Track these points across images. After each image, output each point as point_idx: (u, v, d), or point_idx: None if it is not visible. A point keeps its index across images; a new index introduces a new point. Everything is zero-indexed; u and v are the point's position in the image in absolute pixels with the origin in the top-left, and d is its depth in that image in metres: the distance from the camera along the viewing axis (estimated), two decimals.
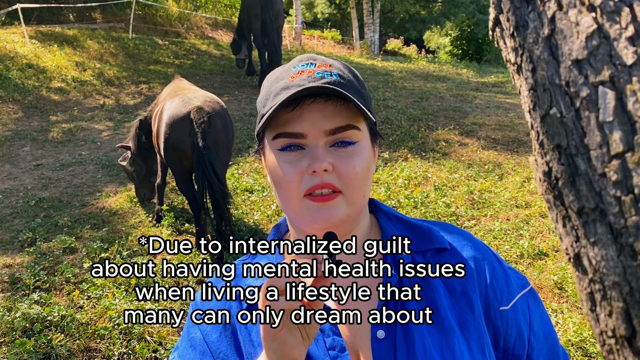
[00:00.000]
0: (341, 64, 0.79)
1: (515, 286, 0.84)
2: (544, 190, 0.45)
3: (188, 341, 0.82)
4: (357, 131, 0.74)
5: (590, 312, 0.41)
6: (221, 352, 0.78)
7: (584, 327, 2.87)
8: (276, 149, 0.74)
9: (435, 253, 0.82)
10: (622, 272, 0.37)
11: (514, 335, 0.81)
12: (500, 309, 0.80)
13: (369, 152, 0.76)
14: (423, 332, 0.75)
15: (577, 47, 0.40)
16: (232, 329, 0.80)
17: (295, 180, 0.72)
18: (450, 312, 0.77)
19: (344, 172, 0.72)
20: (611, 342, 0.39)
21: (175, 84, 4.54)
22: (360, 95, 0.76)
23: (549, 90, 0.43)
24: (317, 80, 0.72)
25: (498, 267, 0.84)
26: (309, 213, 0.72)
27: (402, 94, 9.62)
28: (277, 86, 0.74)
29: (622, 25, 0.38)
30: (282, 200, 0.75)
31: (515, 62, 0.47)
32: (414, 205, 4.73)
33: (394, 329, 0.75)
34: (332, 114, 0.72)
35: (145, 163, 4.89)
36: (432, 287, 0.78)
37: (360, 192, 0.74)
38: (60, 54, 11.00)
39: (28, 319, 2.90)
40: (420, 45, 28.08)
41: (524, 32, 0.45)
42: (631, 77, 0.37)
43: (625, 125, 0.37)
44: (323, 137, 0.72)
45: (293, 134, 0.72)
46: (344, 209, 0.73)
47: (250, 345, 0.77)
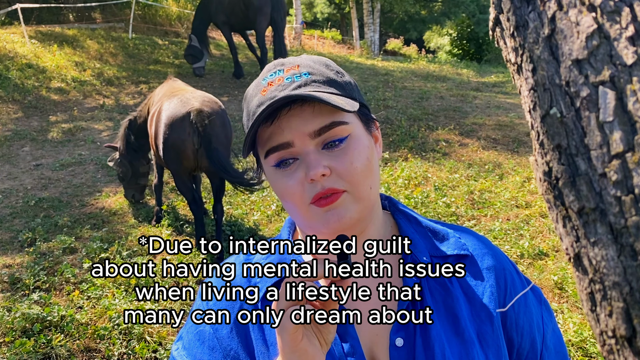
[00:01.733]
0: (310, 59, 0.76)
1: (531, 298, 0.82)
2: (544, 190, 0.45)
3: (196, 334, 0.79)
4: (344, 125, 0.71)
5: (590, 312, 0.41)
6: (232, 350, 0.76)
7: (584, 327, 2.87)
8: (271, 166, 0.72)
9: (455, 260, 0.79)
10: (622, 272, 0.37)
11: (527, 348, 0.80)
12: (516, 321, 0.78)
13: (366, 140, 0.73)
14: (443, 342, 0.72)
15: (578, 47, 0.40)
16: (244, 325, 0.77)
17: (297, 192, 0.70)
18: (470, 323, 0.75)
19: (342, 171, 0.69)
20: (611, 342, 0.39)
21: (170, 84, 4.52)
22: (337, 85, 0.73)
23: (549, 90, 0.43)
24: (287, 87, 0.70)
25: (516, 277, 0.82)
26: (319, 219, 0.70)
27: (402, 94, 9.62)
28: (253, 104, 0.73)
29: (622, 25, 0.38)
30: (291, 212, 0.74)
31: (515, 62, 0.47)
32: (414, 205, 4.73)
33: (413, 337, 0.73)
34: (311, 115, 0.69)
35: (132, 165, 4.85)
36: (452, 296, 0.76)
37: (365, 185, 0.71)
38: (60, 54, 11.00)
39: (28, 319, 2.90)
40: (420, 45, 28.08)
41: (524, 32, 0.45)
42: (631, 77, 0.37)
43: (625, 125, 0.37)
44: (310, 140, 0.69)
45: (280, 146, 0.70)
46: (352, 206, 0.70)
47: (262, 345, 0.74)
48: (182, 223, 4.60)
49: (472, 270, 0.79)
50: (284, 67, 0.74)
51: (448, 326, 0.74)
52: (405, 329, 0.73)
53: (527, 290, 0.82)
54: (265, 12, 9.75)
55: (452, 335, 0.73)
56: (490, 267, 0.79)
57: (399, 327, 0.73)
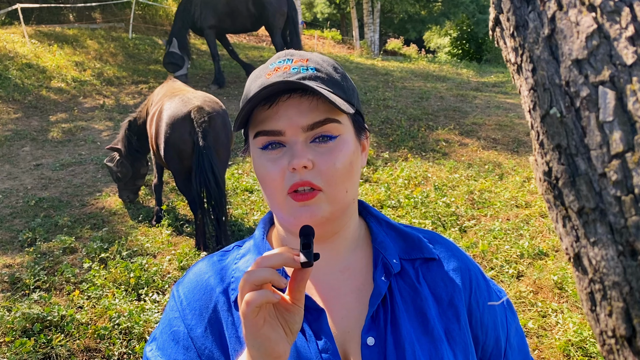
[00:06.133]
0: (320, 57, 0.77)
1: (495, 298, 0.86)
2: (544, 190, 0.45)
3: (170, 334, 0.79)
4: (338, 124, 0.72)
5: (590, 312, 0.41)
6: (206, 348, 0.76)
7: (584, 327, 2.87)
8: (258, 148, 0.74)
9: (424, 262, 0.82)
10: (622, 272, 0.37)
11: (491, 345, 0.83)
12: (480, 319, 0.82)
13: (353, 145, 0.75)
14: (413, 340, 0.74)
15: (577, 47, 0.40)
16: (218, 324, 0.77)
17: (277, 178, 0.71)
18: (439, 322, 0.78)
19: (324, 168, 0.71)
20: (611, 342, 0.39)
21: (170, 84, 4.53)
22: (339, 87, 0.74)
23: (549, 90, 0.43)
24: (292, 76, 0.72)
25: (481, 278, 0.85)
26: (292, 212, 0.72)
27: (402, 94, 9.62)
28: (255, 85, 0.74)
29: (622, 25, 0.38)
30: (268, 197, 0.75)
31: (515, 62, 0.47)
32: (414, 205, 4.73)
33: (384, 336, 0.74)
34: (308, 109, 0.71)
35: (133, 166, 4.86)
36: (421, 295, 0.79)
37: (341, 188, 0.73)
38: (60, 54, 11.00)
39: (28, 318, 2.90)
40: (420, 45, 28.07)
41: (524, 32, 0.45)
42: (631, 77, 0.37)
43: (625, 125, 0.37)
44: (301, 133, 0.71)
45: (271, 132, 0.71)
46: (325, 207, 0.72)
47: (236, 342, 0.75)
48: (182, 223, 4.60)
49: (439, 271, 0.82)
50: (293, 58, 0.76)
51: (417, 325, 0.77)
52: (376, 328, 0.75)
53: (492, 292, 0.86)
54: (283, 12, 9.71)
55: (422, 334, 0.76)
56: (455, 269, 0.83)
57: (370, 326, 0.75)
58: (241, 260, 0.83)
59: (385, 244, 0.82)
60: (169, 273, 3.67)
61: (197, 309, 0.79)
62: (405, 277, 0.80)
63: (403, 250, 0.83)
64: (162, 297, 3.33)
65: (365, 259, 0.82)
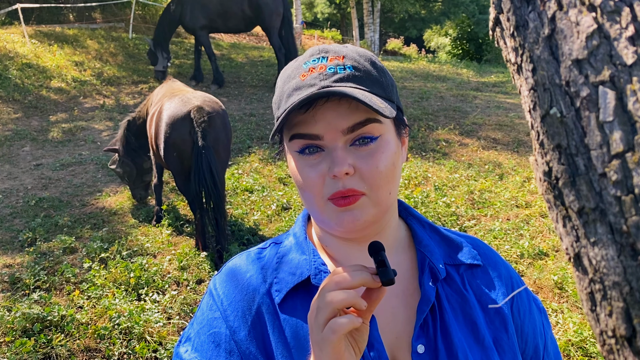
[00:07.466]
0: (356, 52, 0.73)
1: (534, 306, 0.84)
2: (544, 190, 0.45)
3: (210, 336, 0.74)
4: (378, 124, 0.69)
5: (590, 312, 0.41)
6: (250, 354, 0.71)
7: (584, 327, 2.87)
8: (295, 151, 0.70)
9: (468, 268, 0.80)
10: (622, 272, 0.37)
11: (530, 354, 0.81)
12: (521, 327, 0.79)
13: (394, 145, 0.71)
14: (465, 349, 0.71)
15: (577, 47, 0.40)
16: (262, 327, 0.73)
17: (317, 184, 0.68)
18: (487, 331, 0.75)
19: (366, 173, 0.68)
20: (611, 342, 0.39)
21: (169, 85, 4.53)
22: (378, 85, 0.70)
23: (549, 90, 0.43)
24: (329, 77, 0.68)
25: (521, 285, 0.83)
26: (334, 217, 0.69)
27: (402, 94, 9.61)
28: (289, 86, 0.70)
29: (622, 25, 0.38)
30: (307, 202, 0.72)
31: (515, 62, 0.47)
32: (414, 205, 4.73)
33: (434, 343, 0.72)
34: (347, 111, 0.67)
35: (135, 162, 4.87)
36: (469, 303, 0.76)
37: (385, 190, 0.70)
38: (60, 54, 11.00)
39: (28, 318, 2.90)
40: (420, 44, 28.07)
41: (524, 32, 0.45)
42: (631, 76, 0.37)
43: (625, 125, 0.37)
44: (341, 136, 0.68)
45: (308, 135, 0.68)
46: (369, 210, 0.69)
47: (284, 349, 0.71)
48: (182, 223, 4.59)
49: (484, 278, 0.79)
50: (328, 55, 0.71)
51: (468, 333, 0.74)
52: (425, 336, 0.72)
53: (531, 300, 0.84)
54: (279, 12, 9.75)
55: (473, 342, 0.73)
56: (500, 276, 0.81)
57: (420, 333, 0.72)
58: (283, 259, 0.78)
59: (430, 248, 0.79)
60: (169, 273, 3.67)
61: (240, 310, 0.74)
62: (451, 283, 0.77)
63: (447, 255, 0.80)
64: (162, 297, 3.33)
65: (408, 262, 0.79)
